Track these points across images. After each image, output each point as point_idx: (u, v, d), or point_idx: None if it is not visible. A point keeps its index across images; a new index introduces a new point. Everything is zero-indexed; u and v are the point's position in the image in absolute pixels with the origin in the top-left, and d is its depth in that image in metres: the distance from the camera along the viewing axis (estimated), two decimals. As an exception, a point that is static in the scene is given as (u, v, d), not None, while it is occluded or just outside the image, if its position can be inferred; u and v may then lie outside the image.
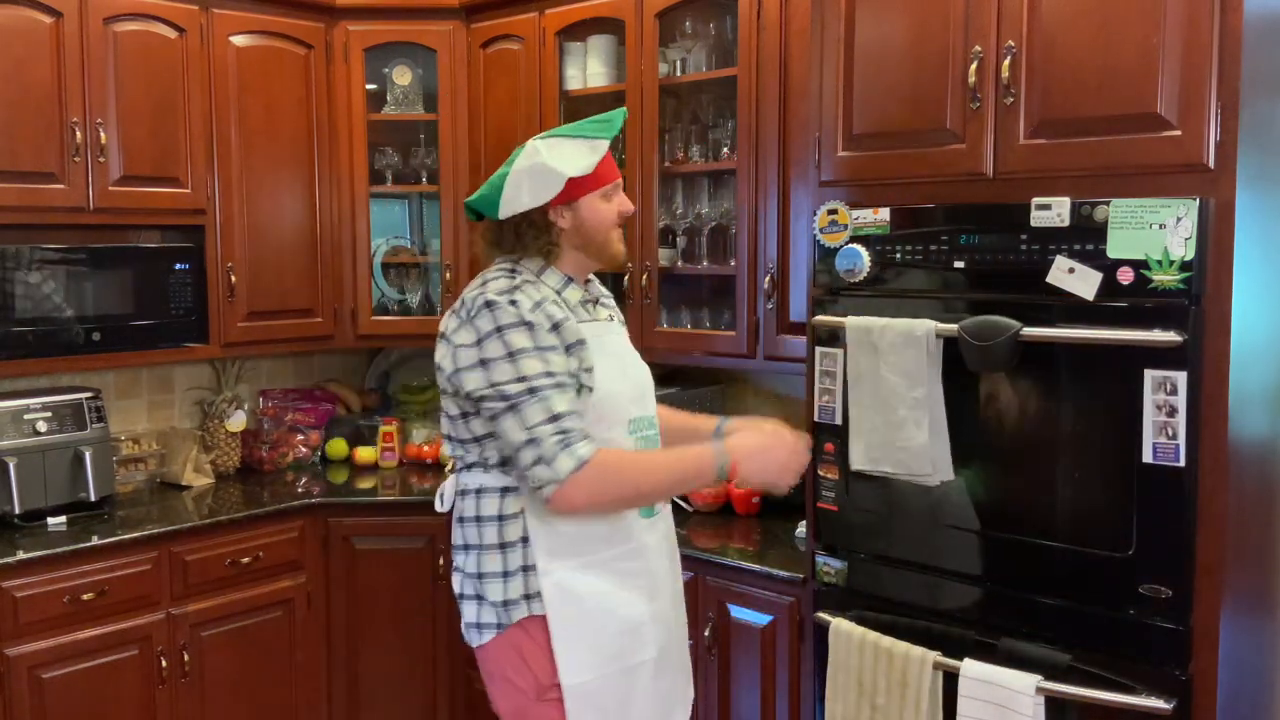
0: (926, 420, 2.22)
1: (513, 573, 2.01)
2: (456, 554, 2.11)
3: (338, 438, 4.04)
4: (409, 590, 3.48)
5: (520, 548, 2.01)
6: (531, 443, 1.90)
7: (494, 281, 2.00)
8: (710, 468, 2.00)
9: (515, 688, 2.04)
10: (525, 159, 2.05)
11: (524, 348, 1.92)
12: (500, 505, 2.02)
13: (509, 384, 1.91)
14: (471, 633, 2.08)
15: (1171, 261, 1.94)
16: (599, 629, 2.01)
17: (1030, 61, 2.14)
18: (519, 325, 1.93)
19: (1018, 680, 2.10)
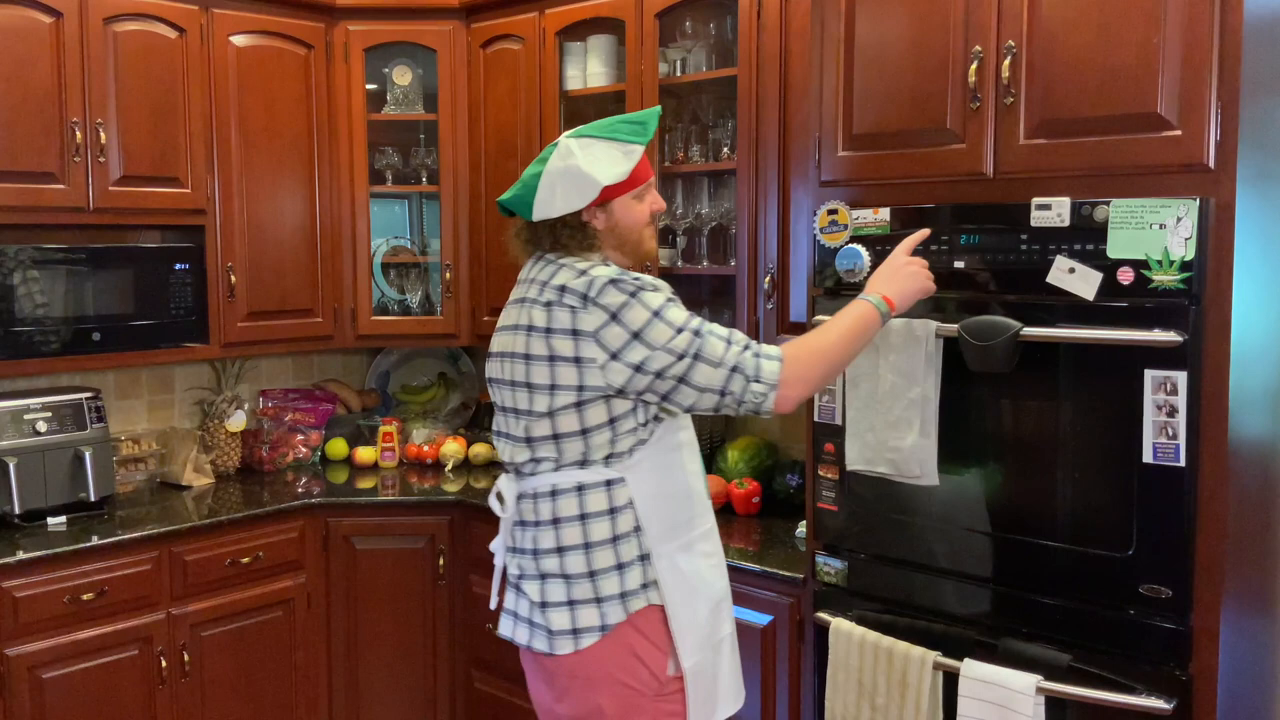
0: (919, 421, 2.22)
1: (628, 564, 2.01)
2: (545, 558, 2.05)
3: (338, 438, 4.04)
4: (409, 590, 3.48)
5: (634, 538, 2.02)
6: (734, 370, 1.94)
7: (595, 268, 2.00)
8: (873, 313, 2.08)
9: (628, 688, 2.02)
10: (559, 159, 2.04)
11: (661, 303, 1.95)
12: (609, 499, 2.01)
13: (673, 340, 1.93)
14: (562, 640, 2.02)
15: (1171, 261, 1.94)
16: (698, 609, 2.06)
17: (1030, 61, 2.14)
18: (645, 288, 1.95)
19: (1018, 680, 2.10)
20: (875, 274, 2.19)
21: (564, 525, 2.03)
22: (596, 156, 2.03)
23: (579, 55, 3.54)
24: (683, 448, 2.09)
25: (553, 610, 2.03)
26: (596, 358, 1.95)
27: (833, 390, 2.44)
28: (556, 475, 2.03)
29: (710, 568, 2.10)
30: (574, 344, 1.96)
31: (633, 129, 2.07)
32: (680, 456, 2.09)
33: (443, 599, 3.50)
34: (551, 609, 2.03)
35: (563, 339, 1.97)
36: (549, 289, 2.02)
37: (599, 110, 3.60)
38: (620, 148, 2.05)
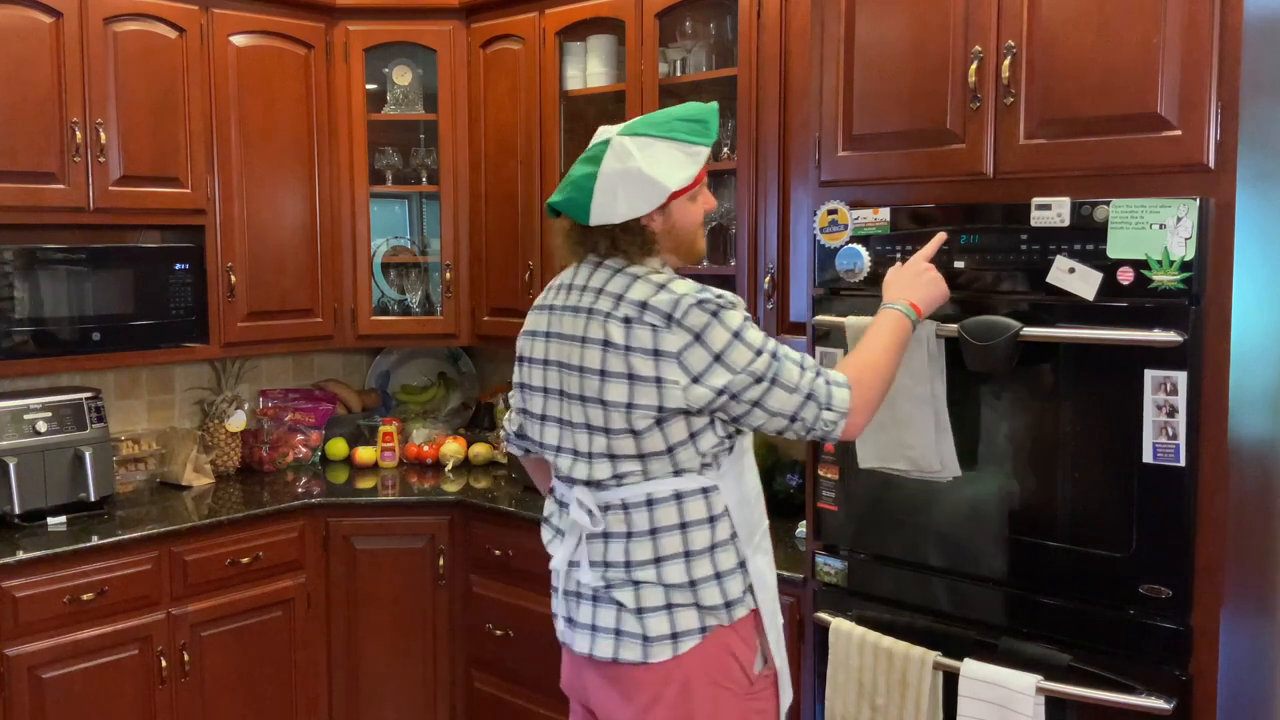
0: (933, 417, 2.22)
1: (727, 572, 1.96)
2: (639, 569, 1.94)
3: (338, 438, 4.04)
4: (409, 590, 3.48)
5: (732, 545, 1.97)
6: (809, 398, 1.91)
7: (678, 283, 1.91)
8: (907, 323, 2.08)
9: (723, 690, 1.96)
10: (616, 160, 1.94)
11: (740, 323, 1.89)
12: (708, 506, 1.95)
13: (752, 362, 1.88)
14: (660, 647, 1.93)
15: (1172, 261, 1.94)
16: (774, 606, 2.06)
17: (1030, 61, 2.14)
18: (725, 307, 1.89)
19: (1018, 680, 2.10)
20: (893, 280, 2.16)
21: (662, 535, 1.94)
22: (659, 158, 1.93)
23: (579, 55, 3.54)
24: (749, 450, 2.06)
25: (650, 615, 1.94)
26: (679, 380, 1.87)
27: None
28: (650, 485, 1.94)
29: (769, 564, 2.09)
30: (655, 364, 1.87)
31: (693, 128, 1.97)
32: (750, 458, 2.06)
33: (443, 599, 3.50)
34: (649, 614, 1.94)
35: (643, 359, 1.88)
36: (626, 304, 1.90)
37: (599, 110, 3.61)
38: (682, 149, 1.95)
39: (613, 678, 2.00)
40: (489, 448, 3.95)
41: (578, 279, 2.02)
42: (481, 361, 4.36)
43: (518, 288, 3.70)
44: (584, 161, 1.99)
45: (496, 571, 3.41)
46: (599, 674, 2.02)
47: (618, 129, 2.01)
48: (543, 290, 2.15)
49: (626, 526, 1.95)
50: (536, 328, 2.10)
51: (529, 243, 3.65)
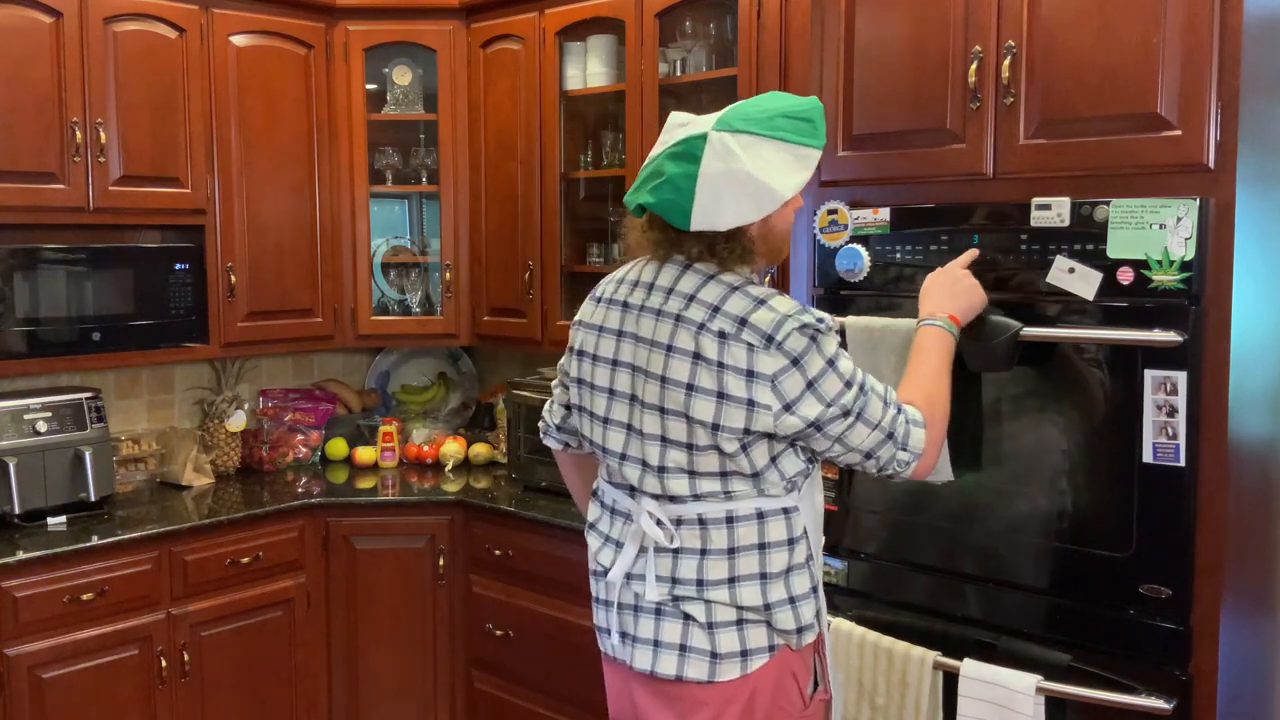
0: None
1: (801, 597, 1.87)
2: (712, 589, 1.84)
3: (338, 438, 4.04)
4: (409, 590, 3.48)
5: (807, 569, 1.88)
6: (889, 437, 1.82)
7: (778, 300, 1.79)
8: (947, 338, 2.01)
9: (782, 710, 1.89)
10: (718, 160, 1.77)
11: (834, 350, 1.79)
12: (789, 528, 1.85)
13: (842, 395, 1.78)
14: (728, 665, 1.84)
15: (1171, 261, 1.94)
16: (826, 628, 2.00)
17: (1030, 61, 2.14)
18: (823, 331, 1.78)
19: (1018, 680, 2.10)
20: (931, 289, 2.09)
21: (740, 554, 1.84)
22: (769, 162, 1.78)
23: (579, 55, 3.54)
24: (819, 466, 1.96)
25: (721, 631, 1.84)
26: (771, 405, 1.76)
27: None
28: (731, 502, 1.84)
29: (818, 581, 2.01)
30: (747, 385, 1.75)
31: (800, 128, 1.81)
32: (819, 478, 1.96)
33: (443, 599, 3.50)
34: (720, 630, 1.84)
35: (736, 378, 1.76)
36: (723, 316, 1.77)
37: (599, 110, 3.61)
38: (792, 151, 1.80)
39: (672, 696, 1.89)
40: (489, 448, 3.95)
41: (660, 279, 1.87)
42: (481, 361, 4.36)
43: (518, 288, 3.70)
44: (676, 158, 1.81)
45: (496, 571, 3.41)
46: (653, 692, 1.91)
47: (709, 121, 1.82)
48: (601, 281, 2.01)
49: (701, 543, 1.85)
50: (606, 324, 1.92)
51: (529, 243, 3.64)
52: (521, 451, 3.59)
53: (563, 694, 3.23)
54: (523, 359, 4.14)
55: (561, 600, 3.20)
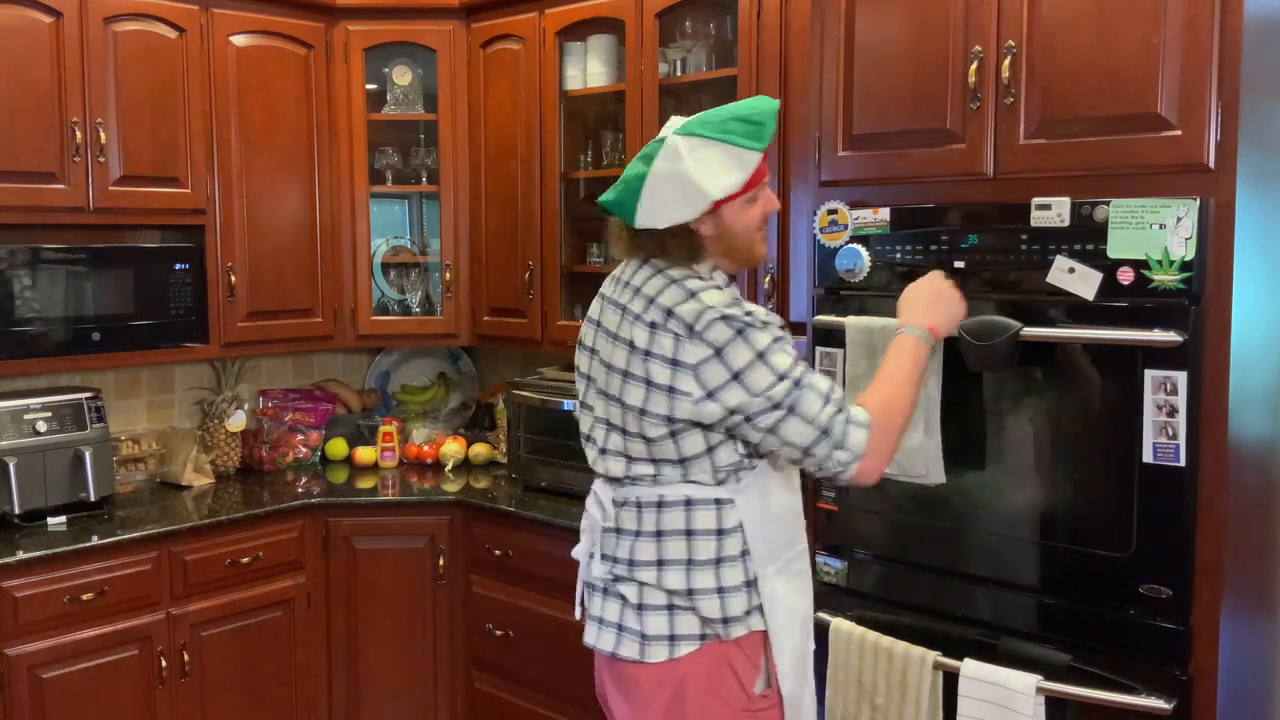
0: (923, 421, 2.22)
1: (731, 589, 1.91)
2: (638, 569, 1.94)
3: (338, 438, 4.04)
4: (409, 590, 3.48)
5: (740, 562, 1.92)
6: (824, 434, 1.84)
7: (709, 293, 1.86)
8: (926, 349, 2.02)
9: (719, 700, 1.93)
10: (666, 161, 1.87)
11: (767, 344, 1.83)
12: (718, 519, 1.91)
13: (773, 387, 1.82)
14: (655, 647, 1.92)
15: (1172, 261, 1.94)
16: (794, 630, 1.98)
17: (1030, 61, 2.14)
18: (754, 325, 1.83)
19: (1018, 680, 2.10)
20: (911, 299, 2.10)
21: (667, 539, 1.92)
22: (708, 163, 1.86)
23: (579, 55, 3.54)
24: (789, 466, 1.97)
25: (650, 614, 1.93)
26: (692, 393, 1.83)
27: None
28: (663, 487, 1.92)
29: (804, 586, 2.02)
30: (671, 373, 1.84)
31: (748, 130, 1.87)
32: (788, 474, 1.99)
33: (443, 599, 3.50)
34: (649, 613, 1.93)
35: (661, 366, 1.85)
36: (655, 308, 1.87)
37: (599, 110, 3.61)
38: (734, 153, 1.87)
39: (618, 675, 2.00)
40: (489, 448, 3.95)
41: (625, 273, 2.00)
42: (481, 361, 4.36)
43: (518, 288, 3.70)
44: (641, 159, 1.93)
45: (496, 571, 3.41)
46: (609, 670, 2.02)
47: (680, 124, 1.93)
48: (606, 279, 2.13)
49: (636, 525, 1.95)
50: (592, 314, 2.07)
51: (529, 243, 3.65)
52: (521, 451, 3.59)
53: (563, 694, 3.23)
54: (523, 359, 4.14)
55: (561, 600, 3.20)
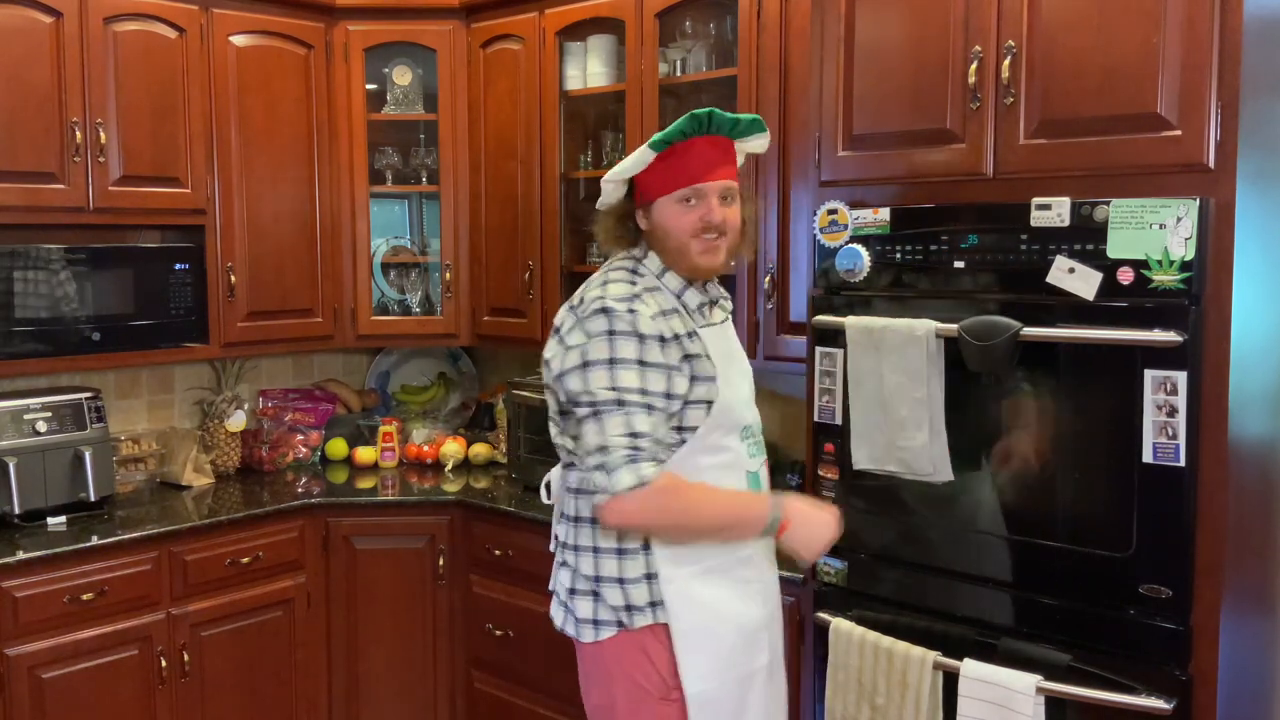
0: (927, 420, 2.22)
1: (633, 580, 1.98)
2: (566, 552, 2.07)
3: (338, 438, 4.04)
4: (409, 590, 3.48)
5: (641, 555, 1.98)
6: (602, 449, 1.88)
7: (615, 285, 1.96)
8: (763, 519, 1.96)
9: (637, 684, 2.00)
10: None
11: (626, 359, 1.89)
12: None
13: (601, 391, 1.88)
14: (584, 629, 2.03)
15: (1171, 261, 1.94)
16: (720, 637, 2.00)
17: (1030, 61, 2.14)
18: (630, 335, 1.89)
19: (1018, 680, 2.10)
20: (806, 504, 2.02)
21: (582, 525, 2.03)
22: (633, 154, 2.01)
23: (579, 55, 3.54)
24: (712, 470, 1.99)
25: (579, 598, 2.03)
26: (553, 365, 1.97)
27: (832, 391, 2.44)
28: (580, 473, 2.02)
29: (746, 595, 2.04)
30: (553, 348, 1.99)
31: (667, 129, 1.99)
32: (711, 479, 1.99)
33: (443, 599, 3.50)
34: (578, 596, 2.04)
35: (556, 345, 1.99)
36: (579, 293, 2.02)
37: (599, 110, 3.61)
38: (641, 149, 1.99)
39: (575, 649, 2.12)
40: (489, 448, 3.95)
41: None
42: (481, 361, 4.36)
43: (518, 288, 3.70)
44: None
45: (496, 571, 3.41)
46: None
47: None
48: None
49: (564, 509, 2.08)
50: None
51: (529, 243, 3.64)
52: (521, 451, 3.59)
53: (563, 694, 3.22)
54: (523, 359, 4.14)
55: (561, 600, 3.20)
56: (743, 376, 2.12)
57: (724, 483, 2.02)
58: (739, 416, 2.04)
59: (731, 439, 2.03)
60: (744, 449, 2.06)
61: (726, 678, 2.01)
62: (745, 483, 2.06)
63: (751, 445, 2.09)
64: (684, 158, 1.97)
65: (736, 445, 2.04)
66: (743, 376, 2.12)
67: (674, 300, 2.01)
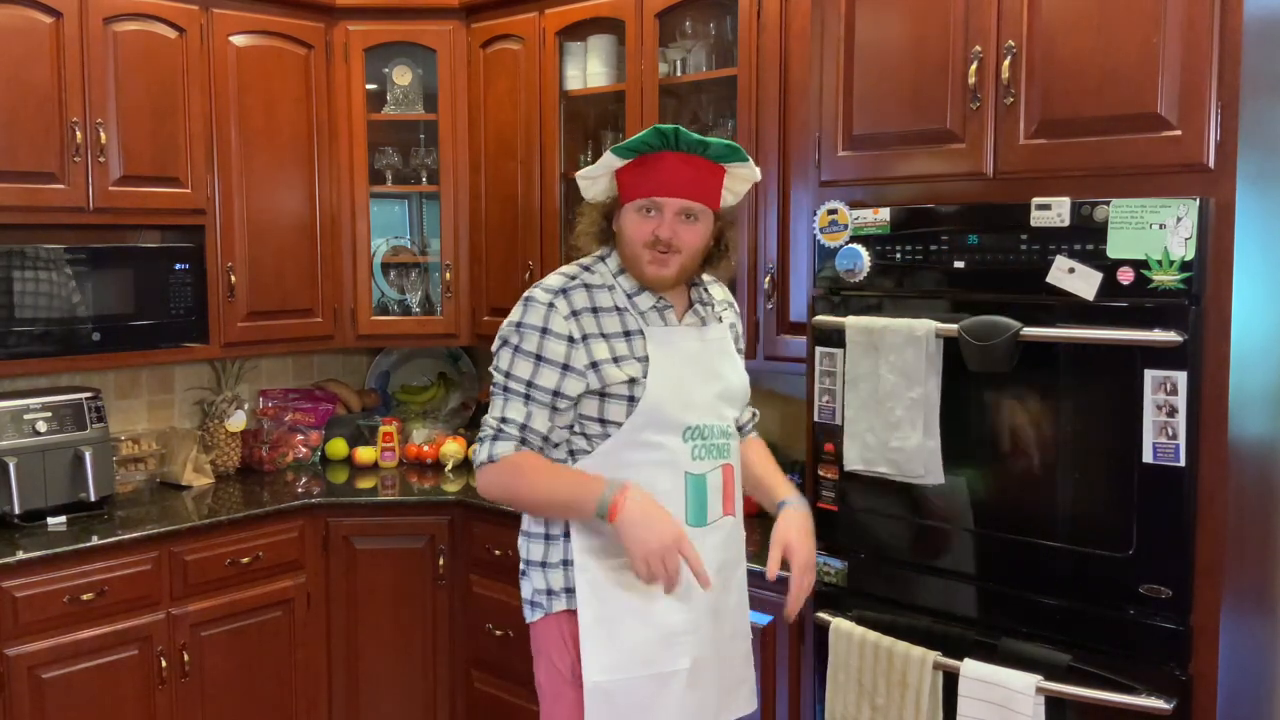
0: (921, 421, 2.22)
1: (552, 564, 2.07)
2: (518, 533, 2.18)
3: (338, 438, 4.04)
4: (409, 590, 3.48)
5: (562, 541, 2.06)
6: (482, 426, 2.05)
7: (553, 276, 2.07)
8: (591, 503, 1.94)
9: (554, 667, 2.06)
10: None
11: (527, 350, 2.00)
12: None
13: (498, 373, 2.03)
14: (526, 609, 2.13)
15: (1171, 261, 1.94)
16: (629, 632, 2.01)
17: (1030, 62, 2.14)
18: (536, 329, 2.00)
19: (1018, 680, 2.10)
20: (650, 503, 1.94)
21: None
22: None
23: (579, 55, 3.54)
24: (641, 467, 1.99)
25: (522, 579, 2.15)
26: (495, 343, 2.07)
27: (832, 391, 2.44)
28: None
29: (669, 596, 1.98)
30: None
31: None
32: (641, 475, 1.98)
33: (443, 599, 3.50)
34: (523, 578, 2.15)
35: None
36: None
37: (599, 110, 3.61)
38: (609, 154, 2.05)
39: None
40: (489, 448, 3.94)
41: None
42: (481, 361, 4.36)
43: (518, 288, 3.66)
44: None
45: (496, 571, 3.41)
46: None
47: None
48: None
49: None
50: None
51: (529, 243, 3.64)
52: (521, 451, 3.59)
53: (563, 694, 3.22)
54: (523, 359, 4.14)
55: (561, 600, 3.20)
56: (706, 379, 2.08)
57: (656, 481, 1.99)
58: (674, 416, 2.02)
59: (667, 438, 2.01)
60: (686, 450, 2.03)
61: (634, 674, 2.00)
62: (683, 484, 2.03)
63: (700, 447, 2.05)
64: (652, 169, 1.99)
65: (675, 445, 2.02)
66: (706, 379, 2.08)
67: (625, 300, 2.05)
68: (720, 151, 2.01)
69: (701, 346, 2.11)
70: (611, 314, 2.03)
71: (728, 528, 2.12)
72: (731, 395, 2.14)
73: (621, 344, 2.02)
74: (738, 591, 2.18)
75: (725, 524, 2.11)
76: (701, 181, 2.02)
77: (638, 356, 2.01)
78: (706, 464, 2.06)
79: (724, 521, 2.11)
